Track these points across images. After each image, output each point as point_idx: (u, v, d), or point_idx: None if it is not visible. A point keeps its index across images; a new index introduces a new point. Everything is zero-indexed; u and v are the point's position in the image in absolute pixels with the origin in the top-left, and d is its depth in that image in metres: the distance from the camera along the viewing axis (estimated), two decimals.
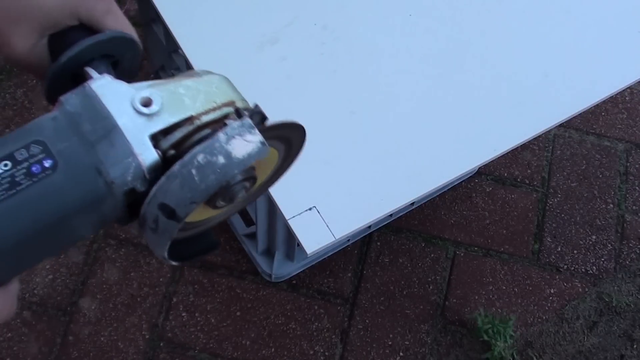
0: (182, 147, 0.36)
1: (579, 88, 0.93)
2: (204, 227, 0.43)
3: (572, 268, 1.51)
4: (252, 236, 1.38)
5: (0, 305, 0.35)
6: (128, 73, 0.44)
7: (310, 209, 0.79)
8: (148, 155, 0.35)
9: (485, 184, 1.59)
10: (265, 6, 0.95)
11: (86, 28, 0.41)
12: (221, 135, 0.35)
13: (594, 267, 1.52)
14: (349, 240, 1.45)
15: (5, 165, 0.33)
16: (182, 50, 0.89)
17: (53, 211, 0.34)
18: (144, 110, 0.36)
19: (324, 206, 0.79)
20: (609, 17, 1.01)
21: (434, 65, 0.93)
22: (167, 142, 0.36)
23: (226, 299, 1.39)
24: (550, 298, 1.47)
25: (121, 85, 0.37)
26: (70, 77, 0.40)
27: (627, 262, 1.54)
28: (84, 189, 0.34)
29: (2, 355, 1.30)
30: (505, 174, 1.61)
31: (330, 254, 1.44)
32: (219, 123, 0.37)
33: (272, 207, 1.13)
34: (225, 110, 0.38)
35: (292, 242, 1.29)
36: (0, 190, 0.33)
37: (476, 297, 1.45)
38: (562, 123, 0.93)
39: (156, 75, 1.39)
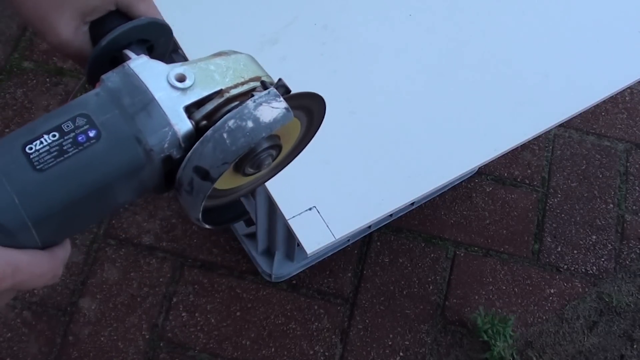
0: (213, 118, 0.40)
1: (579, 88, 0.93)
2: (234, 195, 0.46)
3: (572, 268, 1.51)
4: (252, 236, 1.38)
5: (42, 269, 0.37)
6: (161, 56, 0.46)
7: (310, 209, 0.79)
8: (183, 125, 0.39)
9: (486, 183, 1.59)
10: (265, 6, 0.95)
11: (122, 14, 0.44)
12: (250, 103, 0.39)
13: (594, 267, 1.52)
14: (349, 240, 1.44)
15: (54, 135, 0.36)
16: (182, 50, 0.89)
17: (97, 177, 0.37)
18: (179, 84, 0.39)
19: (324, 206, 0.79)
20: (609, 17, 1.01)
21: (434, 65, 0.93)
22: (199, 113, 0.40)
23: (226, 299, 1.39)
24: (550, 298, 1.47)
25: (157, 63, 0.40)
26: (109, 59, 0.43)
27: (627, 262, 1.54)
28: (125, 156, 0.37)
29: (2, 355, 1.30)
30: (506, 174, 1.61)
31: (330, 254, 1.44)
32: (247, 95, 0.40)
33: (272, 207, 1.13)
34: (252, 84, 0.41)
35: (292, 242, 1.29)
36: (49, 158, 0.36)
37: (476, 297, 1.45)
38: (562, 123, 0.93)
39: None
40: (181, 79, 0.40)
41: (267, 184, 0.80)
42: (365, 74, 0.91)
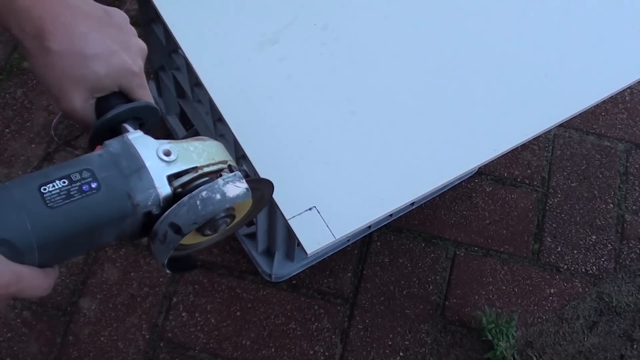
0: (187, 187, 0.50)
1: (579, 88, 0.93)
2: (191, 250, 0.57)
3: (572, 268, 1.51)
4: (252, 236, 1.38)
5: (39, 282, 0.45)
6: (149, 131, 0.56)
7: (310, 209, 0.79)
8: (164, 189, 0.49)
9: (486, 183, 1.59)
10: (265, 6, 0.95)
11: (123, 95, 0.54)
12: (220, 181, 0.50)
13: (594, 267, 1.52)
14: (349, 240, 1.45)
15: (64, 182, 0.46)
16: (182, 50, 0.89)
17: (92, 219, 0.46)
18: (165, 158, 0.50)
19: (324, 206, 0.79)
20: (609, 17, 1.01)
21: (434, 65, 0.93)
22: (177, 182, 0.50)
23: (226, 299, 1.39)
24: (550, 298, 1.47)
25: (149, 139, 0.51)
26: (109, 129, 0.53)
27: (627, 262, 1.54)
28: (117, 207, 0.47)
29: (2, 355, 1.30)
30: (506, 174, 1.61)
31: (330, 254, 1.44)
32: (215, 174, 0.52)
33: (272, 207, 1.13)
34: (220, 165, 0.53)
35: (292, 242, 1.29)
36: (59, 199, 0.45)
37: (476, 297, 1.45)
38: (562, 123, 0.93)
39: (156, 76, 1.39)
40: (167, 153, 0.50)
41: None
42: (365, 74, 0.91)
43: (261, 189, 0.57)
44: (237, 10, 0.94)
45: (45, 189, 0.45)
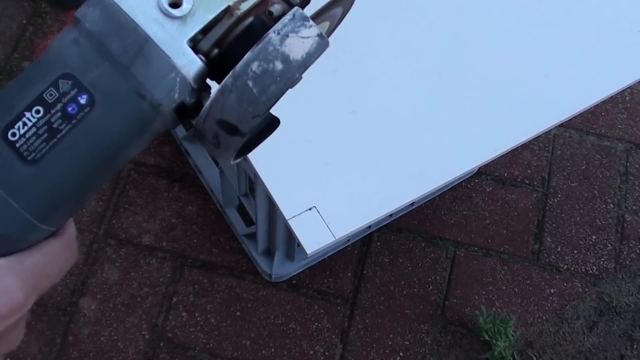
0: (225, 43, 0.32)
1: (579, 88, 0.93)
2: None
3: (572, 268, 1.51)
4: (252, 236, 1.38)
5: (64, 252, 0.33)
6: None
7: (310, 209, 0.79)
8: (191, 65, 0.31)
9: (486, 184, 1.59)
10: None
11: None
12: (273, 36, 0.31)
13: (594, 267, 1.52)
14: (349, 240, 1.44)
15: (37, 111, 0.30)
16: None
17: (102, 151, 0.31)
18: (175, 12, 0.31)
19: (324, 206, 0.79)
20: (608, 17, 1.01)
21: (435, 65, 0.93)
22: (207, 43, 0.32)
23: (226, 299, 1.39)
24: (550, 298, 1.47)
25: None
26: None
27: (627, 262, 1.54)
28: (130, 119, 0.31)
29: None
30: (506, 174, 1.61)
31: (330, 254, 1.44)
32: (261, 7, 0.33)
33: (272, 207, 1.13)
34: None
35: (292, 242, 1.29)
36: (40, 143, 0.30)
37: (476, 297, 1.45)
38: (562, 123, 0.93)
39: None
40: (177, 2, 0.31)
41: (268, 183, 0.81)
42: (366, 74, 0.91)
43: (341, 5, 0.39)
44: None
45: (14, 134, 0.29)
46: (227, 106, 0.31)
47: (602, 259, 1.53)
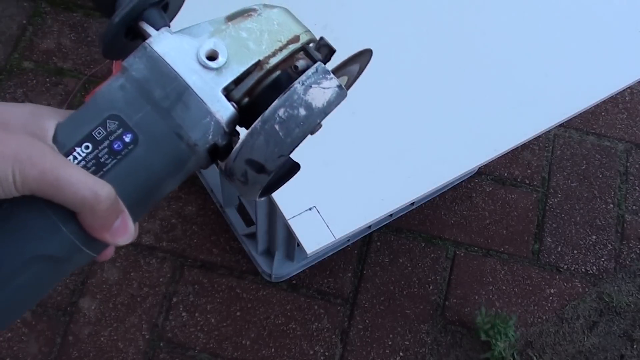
0: (254, 93, 0.36)
1: (579, 88, 0.93)
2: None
3: (572, 268, 1.51)
4: (252, 236, 1.38)
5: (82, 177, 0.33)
6: (176, 11, 0.42)
7: (310, 209, 0.79)
8: (225, 111, 0.35)
9: (486, 183, 1.59)
10: None
11: None
12: (298, 87, 0.35)
13: (594, 267, 1.52)
14: (349, 240, 1.44)
15: (87, 147, 0.33)
16: None
17: (142, 184, 0.34)
18: (212, 64, 0.35)
19: (324, 206, 0.79)
20: (609, 16, 1.01)
21: (434, 66, 0.93)
22: (239, 92, 0.36)
23: (226, 299, 1.39)
24: (551, 298, 1.47)
25: (182, 39, 0.36)
26: (124, 32, 0.38)
27: (627, 262, 1.54)
28: (169, 156, 0.35)
29: (2, 355, 1.30)
30: (506, 174, 1.61)
31: (330, 254, 1.44)
32: (288, 62, 0.37)
33: (272, 207, 1.13)
34: (292, 47, 0.37)
35: (292, 242, 1.29)
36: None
37: (476, 297, 1.45)
38: (562, 123, 0.93)
39: None
40: (213, 56, 0.35)
41: None
42: (366, 74, 0.91)
43: (359, 62, 0.43)
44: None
45: None
46: (256, 146, 0.35)
47: (602, 259, 1.53)
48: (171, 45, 0.35)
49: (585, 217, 1.58)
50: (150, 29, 0.37)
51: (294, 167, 0.41)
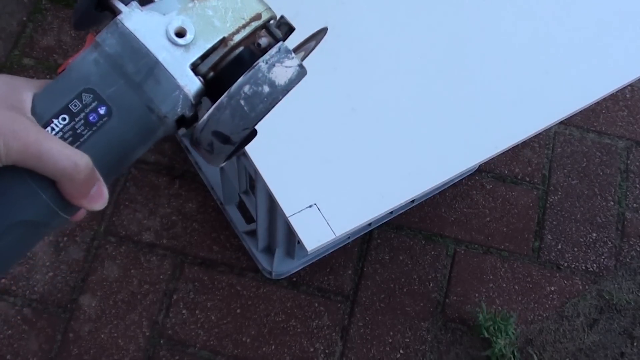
0: (219, 67, 0.39)
1: (580, 85, 0.93)
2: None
3: (573, 266, 1.51)
4: (253, 233, 1.38)
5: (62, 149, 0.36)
6: None
7: (310, 206, 0.79)
8: (192, 85, 0.38)
9: (486, 181, 1.59)
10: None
11: None
12: (262, 65, 0.38)
13: (595, 265, 1.52)
14: (349, 237, 1.45)
15: (64, 119, 0.36)
16: None
17: (115, 153, 0.38)
18: (180, 41, 0.38)
19: (324, 203, 0.79)
20: (609, 14, 1.00)
21: (435, 63, 0.93)
22: (205, 67, 0.39)
23: (226, 297, 1.39)
24: (551, 296, 1.47)
25: (152, 16, 0.38)
26: (94, 5, 0.40)
27: (628, 260, 1.54)
28: (140, 127, 0.38)
29: (2, 353, 1.30)
30: (506, 172, 1.61)
31: (330, 252, 1.44)
32: (250, 39, 0.40)
33: (273, 205, 1.13)
34: (254, 24, 0.40)
35: (292, 240, 1.29)
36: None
37: (476, 295, 1.45)
38: (563, 120, 0.93)
39: None
40: (181, 33, 0.38)
41: (268, 181, 0.81)
42: (366, 71, 0.91)
43: (315, 39, 0.46)
44: None
45: None
46: (222, 120, 0.38)
47: (603, 257, 1.53)
48: (141, 22, 0.38)
49: (586, 215, 1.57)
50: (119, 4, 0.39)
51: (252, 134, 0.43)
